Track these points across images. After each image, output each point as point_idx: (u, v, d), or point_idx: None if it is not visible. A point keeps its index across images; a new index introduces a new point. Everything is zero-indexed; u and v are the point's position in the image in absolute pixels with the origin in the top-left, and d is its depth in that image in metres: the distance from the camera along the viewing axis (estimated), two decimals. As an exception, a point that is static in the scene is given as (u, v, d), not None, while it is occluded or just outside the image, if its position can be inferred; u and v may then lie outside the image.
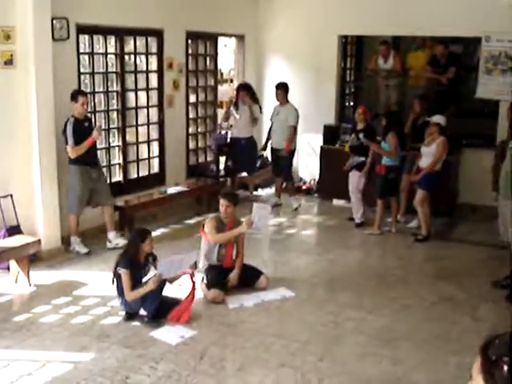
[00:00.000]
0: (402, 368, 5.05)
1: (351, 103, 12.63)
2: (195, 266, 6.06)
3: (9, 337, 5.45)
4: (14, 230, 7.08)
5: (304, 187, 11.17)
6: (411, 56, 11.29)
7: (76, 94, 7.54)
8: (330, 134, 10.71)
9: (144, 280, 5.91)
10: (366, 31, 10.98)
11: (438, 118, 8.47)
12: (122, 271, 5.74)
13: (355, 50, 12.64)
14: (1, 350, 5.20)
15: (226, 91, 12.74)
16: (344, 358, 5.20)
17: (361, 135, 8.86)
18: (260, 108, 10.38)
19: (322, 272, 7.39)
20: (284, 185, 10.40)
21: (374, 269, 7.49)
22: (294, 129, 9.93)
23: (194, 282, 5.99)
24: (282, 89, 9.99)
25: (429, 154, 8.42)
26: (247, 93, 10.14)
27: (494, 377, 1.55)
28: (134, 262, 5.86)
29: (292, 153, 10.06)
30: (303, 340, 5.51)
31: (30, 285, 6.59)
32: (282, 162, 10.05)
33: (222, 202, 6.55)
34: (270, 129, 10.31)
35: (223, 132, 10.87)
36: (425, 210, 8.48)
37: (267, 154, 11.00)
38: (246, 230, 6.55)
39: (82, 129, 7.53)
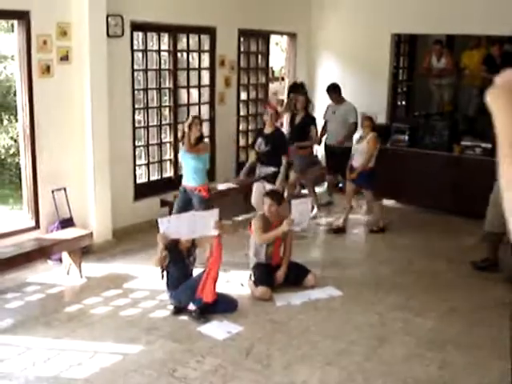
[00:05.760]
0: (448, 371, 4.98)
1: (403, 102, 12.51)
2: (220, 225, 5.94)
3: (59, 327, 5.57)
4: (67, 223, 7.25)
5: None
6: (466, 55, 11.10)
7: None
8: (381, 134, 10.60)
9: (193, 273, 5.98)
10: (420, 30, 10.84)
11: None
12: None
13: (408, 49, 12.52)
14: (51, 339, 5.32)
15: (276, 89, 12.77)
16: (390, 358, 5.16)
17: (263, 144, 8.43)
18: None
19: (370, 272, 7.34)
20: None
21: (422, 270, 7.40)
22: (355, 125, 9.83)
23: (219, 246, 5.84)
24: (333, 91, 9.89)
25: (361, 152, 8.40)
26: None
27: None
28: (177, 257, 5.92)
29: (349, 150, 9.87)
30: (349, 339, 5.49)
31: (81, 277, 6.73)
32: (339, 159, 9.89)
33: (266, 201, 6.58)
34: (324, 127, 10.19)
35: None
36: (379, 206, 8.80)
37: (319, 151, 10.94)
38: (287, 228, 6.44)
39: None
